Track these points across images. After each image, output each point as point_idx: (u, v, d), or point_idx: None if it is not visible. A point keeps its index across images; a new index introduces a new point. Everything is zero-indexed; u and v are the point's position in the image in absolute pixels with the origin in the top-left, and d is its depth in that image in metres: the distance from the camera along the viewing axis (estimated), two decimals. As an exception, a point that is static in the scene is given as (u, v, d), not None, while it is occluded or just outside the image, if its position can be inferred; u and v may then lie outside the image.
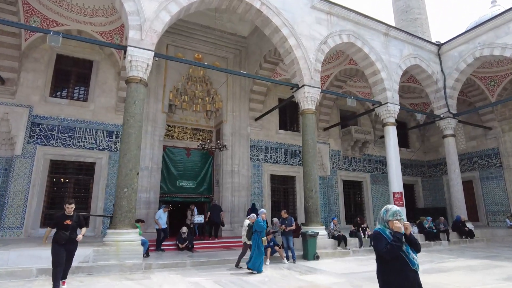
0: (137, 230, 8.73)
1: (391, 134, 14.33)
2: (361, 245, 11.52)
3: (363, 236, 11.75)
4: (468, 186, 19.22)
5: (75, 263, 7.29)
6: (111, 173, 13.30)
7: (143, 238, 9.29)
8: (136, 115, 9.23)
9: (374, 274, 7.63)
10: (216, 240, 12.60)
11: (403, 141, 22.20)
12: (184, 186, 15.57)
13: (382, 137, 20.53)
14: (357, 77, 19.03)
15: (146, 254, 9.34)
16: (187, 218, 14.14)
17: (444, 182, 21.57)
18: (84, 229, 6.14)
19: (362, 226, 12.03)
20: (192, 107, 16.52)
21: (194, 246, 11.28)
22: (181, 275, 7.52)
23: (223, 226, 14.07)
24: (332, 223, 11.70)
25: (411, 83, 18.69)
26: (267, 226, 9.88)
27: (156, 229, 11.32)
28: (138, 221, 10.13)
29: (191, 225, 13.19)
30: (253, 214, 9.30)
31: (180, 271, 7.95)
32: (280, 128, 17.67)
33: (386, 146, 14.48)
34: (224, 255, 9.96)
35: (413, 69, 16.54)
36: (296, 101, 12.75)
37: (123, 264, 7.78)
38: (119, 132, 13.85)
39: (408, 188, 21.60)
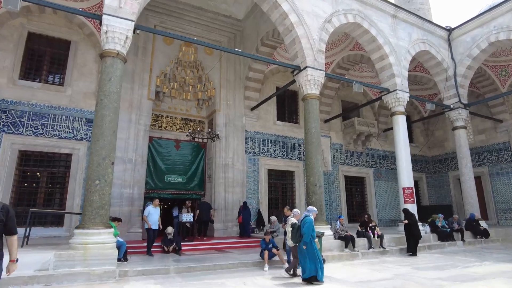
0: (111, 230, 7.32)
1: (401, 124, 13.08)
2: (370, 246, 10.25)
3: (372, 236, 10.47)
4: (476, 182, 18.02)
5: (29, 271, 5.91)
6: (89, 166, 11.84)
7: (120, 240, 7.90)
8: (111, 94, 7.83)
9: (395, 283, 6.26)
10: (207, 242, 11.22)
11: (406, 135, 21.04)
12: (172, 181, 14.17)
13: (386, 130, 19.46)
14: (361, 67, 17.81)
15: (124, 258, 7.97)
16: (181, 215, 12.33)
17: (450, 178, 20.45)
18: (14, 241, 3.25)
19: (371, 225, 10.75)
20: (182, 95, 15.14)
21: (182, 248, 9.90)
22: (161, 285, 6.15)
23: (213, 223, 12.79)
24: (338, 222, 10.41)
25: (417, 72, 17.46)
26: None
27: (146, 228, 9.46)
28: (114, 219, 8.72)
29: (188, 224, 11.85)
30: (296, 210, 7.86)
31: (161, 280, 6.59)
32: (278, 119, 16.34)
33: (395, 137, 13.22)
34: (216, 259, 8.60)
35: (421, 55, 15.32)
36: (298, 85, 11.42)
37: (91, 272, 6.38)
38: (100, 120, 12.38)
39: (412, 184, 20.43)
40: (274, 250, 8.20)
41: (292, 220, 7.32)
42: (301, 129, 16.63)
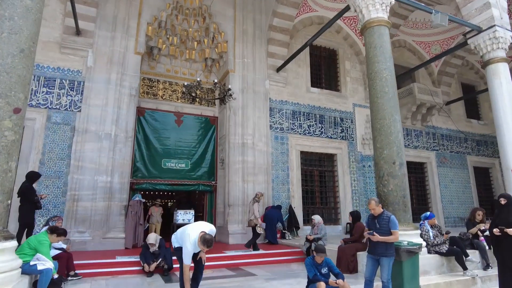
0: (13, 243, 3.56)
1: (503, 76, 8.75)
2: (487, 264, 6.08)
3: (487, 246, 6.30)
4: None
5: None
6: (49, 143, 8.30)
7: (37, 263, 4.15)
8: (20, -19, 4.07)
9: None
10: (217, 254, 7.31)
11: (472, 111, 16.57)
12: (173, 168, 10.46)
13: (449, 103, 15.07)
14: (415, 22, 13.61)
15: (52, 295, 4.21)
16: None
17: (535, 164, 15.72)
18: None
19: (483, 229, 6.53)
20: (185, 53, 11.39)
21: (174, 266, 6.11)
22: None
23: None
24: (426, 224, 6.25)
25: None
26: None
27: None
28: (54, 230, 4.87)
29: (259, 229, 8.30)
30: None
31: None
32: (313, 85, 12.29)
33: (495, 95, 8.85)
34: (226, 293, 4.76)
35: (516, -13, 10.87)
36: (353, 10, 7.33)
37: None
38: (66, 80, 8.82)
39: (481, 172, 15.98)
40: (339, 282, 4.24)
41: None
42: (343, 99, 12.61)
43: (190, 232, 4.15)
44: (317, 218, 7.37)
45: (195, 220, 7.26)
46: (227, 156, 10.43)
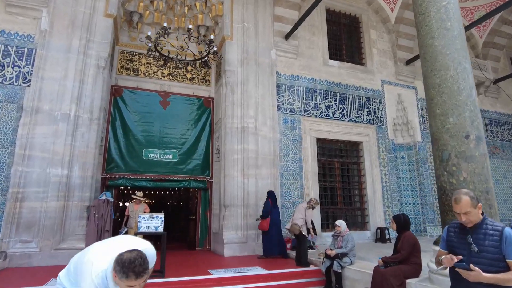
0: None
1: None
2: None
3: None
4: None
5: None
6: (-12, 127, 6.42)
7: None
8: None
9: None
10: (197, 276, 5.15)
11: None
12: (156, 160, 8.44)
13: (497, 80, 12.41)
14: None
15: None
16: None
17: None
18: None
19: None
20: (173, 21, 9.38)
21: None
22: None
23: None
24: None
25: None
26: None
27: None
28: None
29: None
30: None
31: None
32: (331, 57, 10.00)
33: None
34: None
35: None
36: None
37: None
38: (13, 46, 6.93)
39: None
40: None
41: None
42: (369, 75, 10.27)
43: (94, 259, 1.86)
44: (342, 224, 5.12)
45: (166, 228, 5.15)
46: (222, 144, 8.30)
